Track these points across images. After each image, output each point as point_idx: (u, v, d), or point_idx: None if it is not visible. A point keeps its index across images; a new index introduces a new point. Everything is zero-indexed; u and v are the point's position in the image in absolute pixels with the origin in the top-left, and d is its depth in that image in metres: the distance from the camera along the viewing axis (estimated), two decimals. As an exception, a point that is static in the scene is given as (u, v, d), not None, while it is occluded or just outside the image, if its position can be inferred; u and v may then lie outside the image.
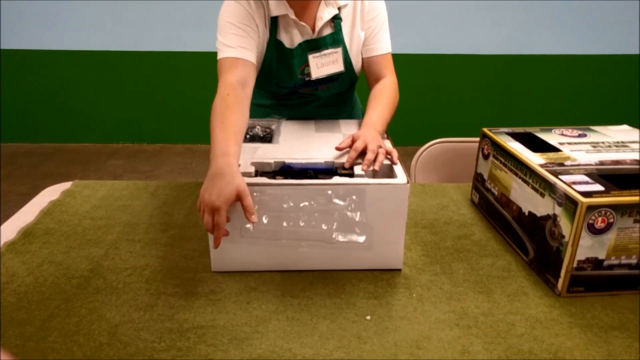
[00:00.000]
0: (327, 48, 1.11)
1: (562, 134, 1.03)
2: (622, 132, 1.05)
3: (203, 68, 3.29)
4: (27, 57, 3.33)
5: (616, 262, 0.78)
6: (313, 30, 1.10)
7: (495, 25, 3.31)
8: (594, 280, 0.80)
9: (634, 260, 0.79)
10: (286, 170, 0.90)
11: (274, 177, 0.83)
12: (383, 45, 1.16)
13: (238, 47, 1.02)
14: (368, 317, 0.76)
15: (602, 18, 3.29)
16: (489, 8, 3.26)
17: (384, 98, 1.09)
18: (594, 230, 0.75)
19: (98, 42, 3.31)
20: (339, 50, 1.11)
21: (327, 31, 1.11)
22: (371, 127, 0.98)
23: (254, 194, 0.80)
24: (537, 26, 3.32)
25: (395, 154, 0.92)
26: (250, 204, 0.77)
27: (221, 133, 0.86)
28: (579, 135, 1.02)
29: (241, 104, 0.95)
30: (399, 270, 0.88)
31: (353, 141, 0.93)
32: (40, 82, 3.40)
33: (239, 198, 0.77)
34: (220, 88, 0.96)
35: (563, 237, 0.78)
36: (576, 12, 3.28)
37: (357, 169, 0.88)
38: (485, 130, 1.07)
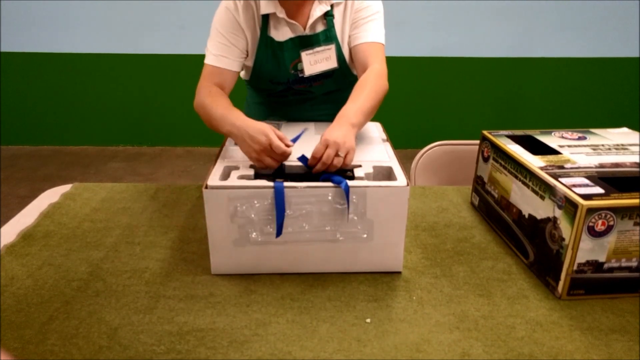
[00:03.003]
0: (319, 45, 1.11)
1: (562, 137, 1.03)
2: (621, 134, 1.05)
3: (203, 71, 3.30)
4: (27, 60, 3.33)
5: (616, 264, 0.78)
6: (304, 28, 1.11)
7: (495, 28, 3.32)
8: (594, 283, 0.79)
9: (634, 263, 0.78)
10: (285, 173, 0.90)
11: (273, 180, 0.83)
12: (370, 35, 1.11)
13: (219, 56, 1.09)
14: (368, 320, 0.76)
15: (602, 21, 3.30)
16: (489, 11, 3.27)
17: (365, 88, 1.01)
18: (594, 233, 0.75)
19: (98, 44, 3.31)
20: (332, 47, 1.12)
21: (320, 28, 1.12)
22: (344, 122, 0.91)
23: (255, 202, 0.80)
24: (537, 29, 3.33)
25: (347, 160, 0.86)
26: (277, 141, 0.86)
27: (222, 109, 0.97)
28: (579, 138, 1.02)
29: (225, 96, 1.05)
30: (399, 273, 0.88)
31: (326, 147, 0.85)
32: (40, 85, 3.41)
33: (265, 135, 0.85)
34: (200, 89, 1.06)
35: (563, 239, 0.78)
36: (576, 15, 3.29)
37: (357, 172, 0.87)
38: (485, 132, 1.07)
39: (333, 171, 0.86)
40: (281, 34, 1.12)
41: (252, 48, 1.13)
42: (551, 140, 1.01)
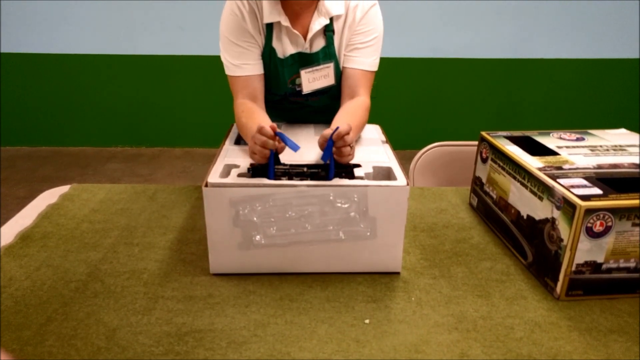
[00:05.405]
0: (319, 63, 1.10)
1: (560, 138, 1.03)
2: (620, 135, 1.05)
3: (201, 71, 3.30)
4: (26, 61, 3.33)
5: (615, 265, 0.78)
6: (305, 39, 1.10)
7: (494, 29, 3.32)
8: (592, 284, 0.80)
9: (632, 264, 0.79)
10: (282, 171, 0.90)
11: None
12: (368, 61, 1.10)
13: (241, 65, 1.08)
14: (367, 321, 0.76)
15: (601, 22, 3.30)
16: (488, 12, 3.27)
17: (356, 118, 1.03)
18: (592, 234, 0.75)
19: (97, 45, 3.31)
20: (331, 65, 1.10)
21: (320, 43, 1.10)
22: None
23: (257, 205, 0.80)
24: (535, 30, 3.34)
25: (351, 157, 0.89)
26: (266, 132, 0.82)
27: (252, 124, 0.96)
28: (577, 139, 1.02)
29: (256, 111, 1.05)
30: (398, 273, 0.88)
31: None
32: (38, 86, 3.41)
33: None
34: (234, 110, 1.08)
35: (561, 240, 0.78)
36: (575, 15, 3.30)
37: (357, 171, 0.88)
38: (484, 133, 1.07)
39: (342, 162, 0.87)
40: (283, 47, 1.10)
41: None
42: (549, 141, 1.01)
